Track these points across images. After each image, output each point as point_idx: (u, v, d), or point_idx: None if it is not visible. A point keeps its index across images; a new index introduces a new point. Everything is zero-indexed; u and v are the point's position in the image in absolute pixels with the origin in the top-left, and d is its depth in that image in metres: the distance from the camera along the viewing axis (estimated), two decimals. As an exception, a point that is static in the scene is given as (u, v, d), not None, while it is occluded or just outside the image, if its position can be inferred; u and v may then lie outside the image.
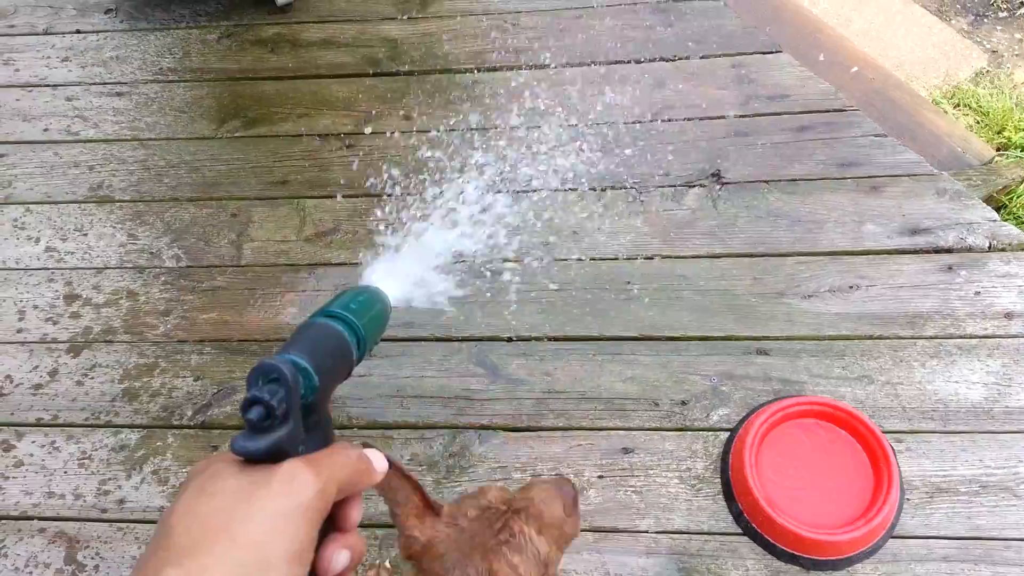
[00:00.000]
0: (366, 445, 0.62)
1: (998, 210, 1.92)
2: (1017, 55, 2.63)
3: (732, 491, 1.49)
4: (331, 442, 0.60)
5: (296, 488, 0.52)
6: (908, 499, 1.48)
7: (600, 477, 1.55)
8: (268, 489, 0.51)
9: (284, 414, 0.53)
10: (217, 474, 0.52)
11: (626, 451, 1.57)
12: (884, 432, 1.50)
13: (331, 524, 0.57)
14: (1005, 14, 2.75)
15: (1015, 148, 2.32)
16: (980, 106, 2.44)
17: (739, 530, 1.47)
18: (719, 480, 1.53)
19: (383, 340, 1.76)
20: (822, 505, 1.45)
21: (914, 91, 2.22)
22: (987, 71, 2.58)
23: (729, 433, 1.57)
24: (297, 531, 0.50)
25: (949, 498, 1.48)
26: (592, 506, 1.51)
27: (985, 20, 2.73)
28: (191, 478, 0.53)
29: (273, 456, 0.53)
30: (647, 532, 1.48)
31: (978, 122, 2.42)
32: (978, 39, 2.68)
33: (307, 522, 0.51)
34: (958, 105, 2.47)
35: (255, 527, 0.49)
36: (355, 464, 0.58)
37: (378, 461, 0.60)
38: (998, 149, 2.29)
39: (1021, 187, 2.04)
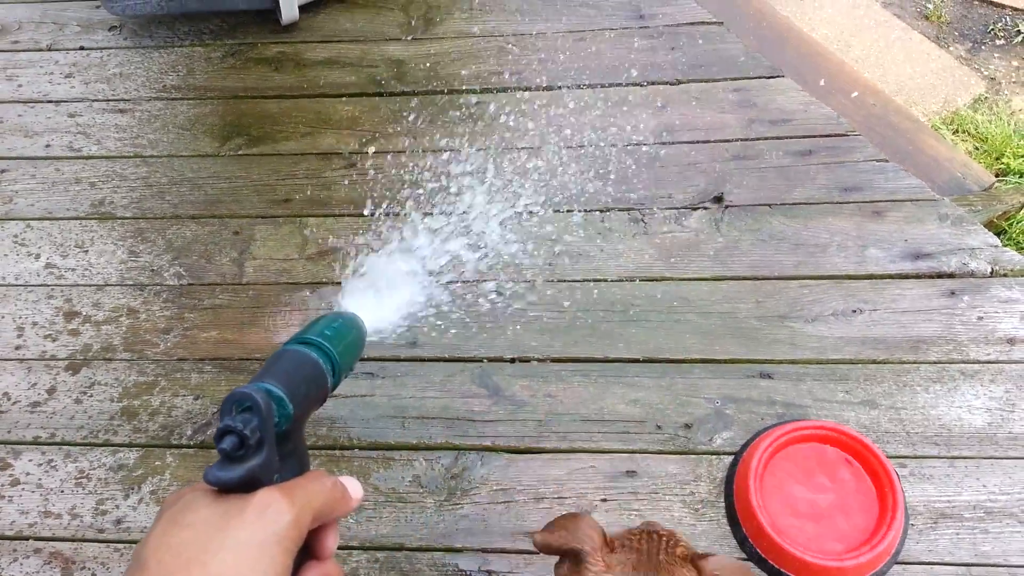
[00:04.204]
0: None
1: (998, 235, 1.92)
2: (1015, 82, 2.65)
3: (736, 516, 1.48)
4: (307, 470, 0.60)
5: (270, 517, 0.52)
6: (912, 525, 1.47)
7: (603, 500, 1.53)
8: (242, 519, 0.51)
9: (258, 443, 0.53)
10: (190, 504, 0.52)
11: (629, 474, 1.56)
12: (888, 457, 1.50)
13: (307, 553, 0.57)
14: (1002, 42, 2.78)
15: (1014, 174, 2.33)
16: (979, 132, 2.46)
17: (744, 555, 1.46)
18: (723, 504, 1.52)
19: (386, 360, 1.76)
20: (827, 530, 1.44)
21: (914, 116, 2.24)
22: (985, 98, 2.60)
23: (733, 457, 1.56)
24: (272, 561, 0.50)
25: (954, 524, 1.47)
26: (595, 530, 1.50)
27: (983, 48, 2.76)
28: (164, 509, 0.53)
29: (247, 485, 0.53)
30: (651, 557, 1.47)
31: (977, 148, 2.43)
32: (976, 66, 2.70)
33: (282, 551, 0.51)
34: (957, 131, 2.49)
35: (229, 557, 0.49)
36: (330, 492, 0.58)
37: (354, 489, 0.61)
38: (997, 175, 2.31)
39: (1021, 213, 2.05)
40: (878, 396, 1.62)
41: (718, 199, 1.93)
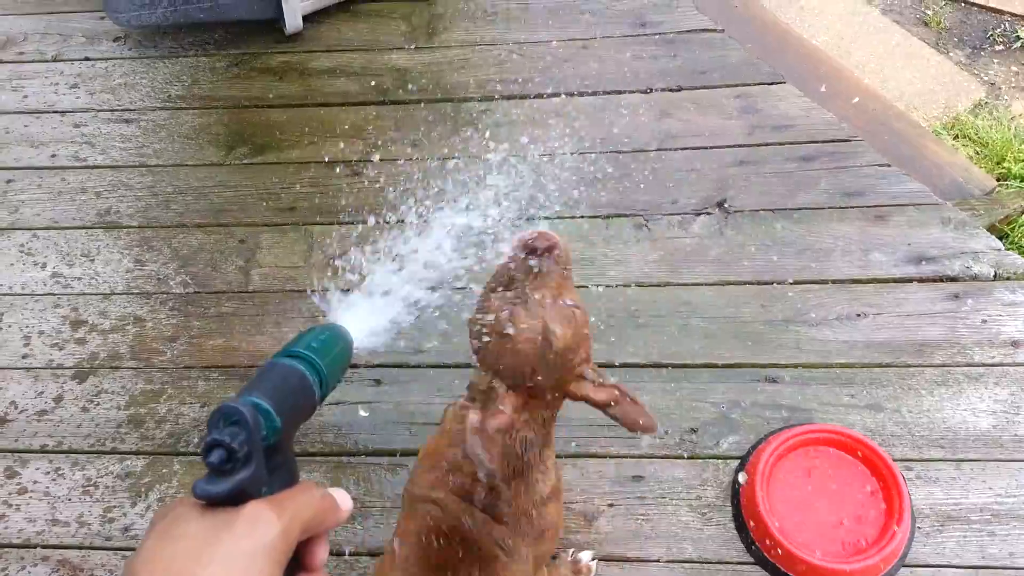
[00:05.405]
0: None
1: (1000, 239, 1.93)
2: (1014, 87, 2.66)
3: (744, 520, 1.49)
4: (296, 482, 0.60)
5: (259, 529, 0.52)
6: (919, 528, 1.47)
7: (610, 505, 1.54)
8: (231, 531, 0.51)
9: (246, 456, 0.54)
10: (180, 518, 0.52)
11: (636, 479, 1.57)
12: (894, 460, 1.50)
13: (298, 565, 0.57)
14: (1001, 47, 2.79)
15: (1015, 178, 2.34)
16: (979, 137, 2.47)
17: (752, 559, 1.46)
18: (730, 508, 1.52)
19: (392, 366, 1.76)
20: (834, 533, 1.45)
21: (915, 121, 2.25)
22: (985, 103, 2.61)
23: (739, 461, 1.57)
24: (261, 572, 0.51)
25: (960, 527, 1.47)
26: (602, 535, 1.51)
27: (982, 53, 2.78)
28: (154, 523, 0.54)
29: (236, 499, 0.53)
30: (658, 561, 1.47)
31: (978, 153, 2.44)
32: (976, 71, 2.72)
33: (271, 563, 0.52)
34: (958, 136, 2.50)
35: (219, 570, 0.49)
36: (319, 503, 0.58)
37: (343, 500, 0.61)
38: (998, 179, 2.31)
39: (1023, 217, 2.06)
40: (883, 399, 1.63)
41: (721, 205, 1.94)
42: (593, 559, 1.46)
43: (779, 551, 1.41)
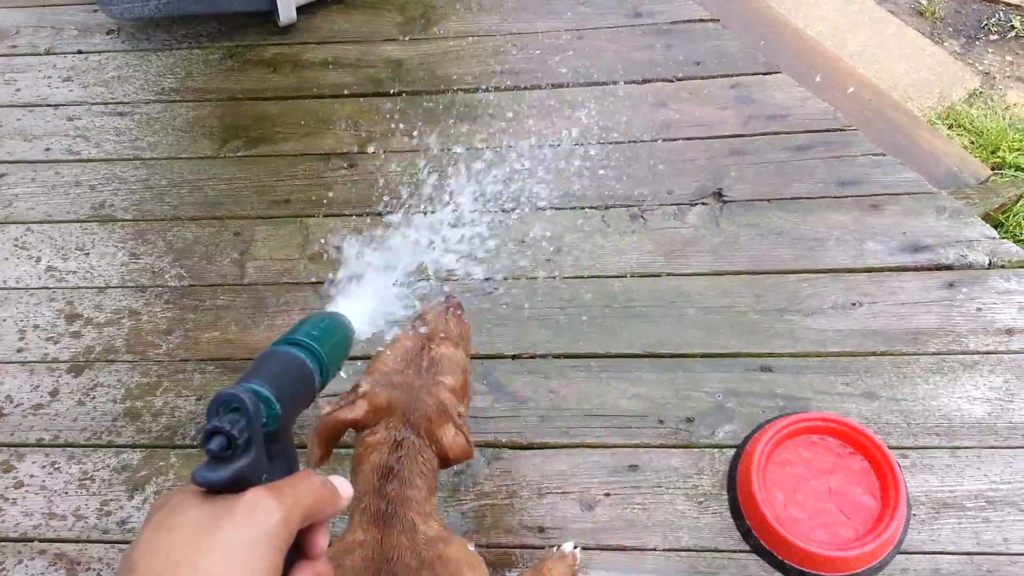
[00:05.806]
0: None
1: (995, 228, 1.93)
2: (1009, 77, 2.67)
3: (740, 508, 1.49)
4: (296, 470, 0.60)
5: (259, 517, 0.52)
6: (914, 515, 1.48)
7: (607, 495, 1.54)
8: (231, 519, 0.51)
9: (246, 443, 0.53)
10: (179, 506, 0.52)
11: (632, 468, 1.57)
12: (890, 448, 1.50)
13: (298, 552, 0.57)
14: (996, 37, 2.79)
15: (1009, 167, 2.34)
16: (974, 126, 2.47)
17: (748, 548, 1.46)
18: (726, 497, 1.53)
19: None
20: (830, 521, 1.45)
21: (910, 111, 2.25)
22: (980, 92, 2.61)
23: (735, 450, 1.57)
24: (261, 560, 0.50)
25: (955, 513, 1.48)
26: (599, 524, 1.51)
27: (977, 43, 2.78)
28: (153, 512, 0.53)
29: (236, 486, 0.53)
30: (655, 550, 1.48)
31: (972, 142, 2.45)
32: (970, 61, 2.72)
33: (272, 550, 0.51)
34: (952, 126, 2.50)
35: (219, 557, 0.49)
36: (319, 491, 0.58)
37: (343, 488, 0.61)
38: (993, 168, 2.32)
39: (1017, 206, 2.06)
40: (878, 388, 1.63)
41: (717, 195, 1.94)
42: (576, 547, 1.46)
43: (775, 539, 1.42)
